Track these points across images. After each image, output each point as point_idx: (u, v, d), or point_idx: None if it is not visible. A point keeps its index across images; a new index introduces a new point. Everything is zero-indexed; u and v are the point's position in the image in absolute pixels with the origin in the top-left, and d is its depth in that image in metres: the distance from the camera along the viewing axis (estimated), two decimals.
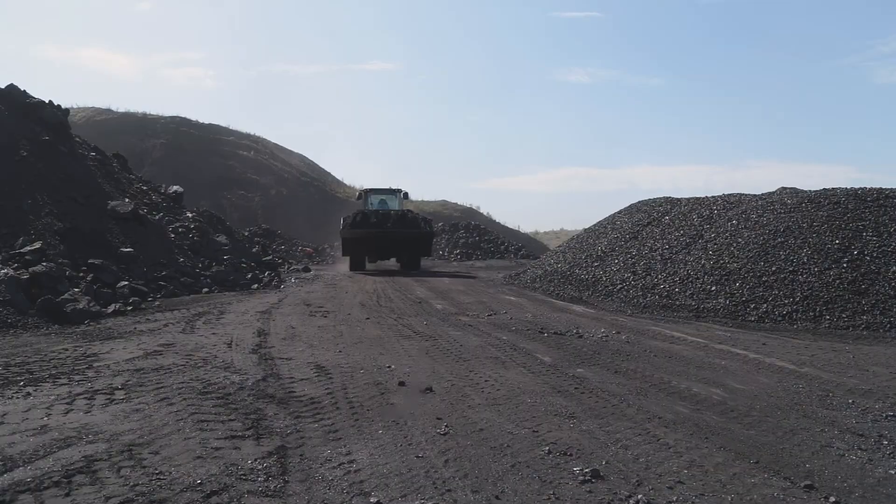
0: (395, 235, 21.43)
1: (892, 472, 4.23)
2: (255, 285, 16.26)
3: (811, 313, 10.82)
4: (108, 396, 5.41)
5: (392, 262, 25.56)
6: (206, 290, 14.05)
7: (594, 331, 9.67)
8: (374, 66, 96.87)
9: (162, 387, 5.77)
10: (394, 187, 25.54)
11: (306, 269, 22.85)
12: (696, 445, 4.61)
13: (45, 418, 4.81)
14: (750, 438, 4.85)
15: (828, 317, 10.60)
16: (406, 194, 25.35)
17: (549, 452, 4.35)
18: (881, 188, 13.77)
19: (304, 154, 52.50)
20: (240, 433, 4.59)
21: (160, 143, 42.39)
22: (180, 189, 21.55)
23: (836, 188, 14.45)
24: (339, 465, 4.07)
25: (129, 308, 10.60)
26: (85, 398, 5.33)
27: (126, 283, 11.58)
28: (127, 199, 15.96)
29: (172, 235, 16.53)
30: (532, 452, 4.37)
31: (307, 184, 44.89)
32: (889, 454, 4.57)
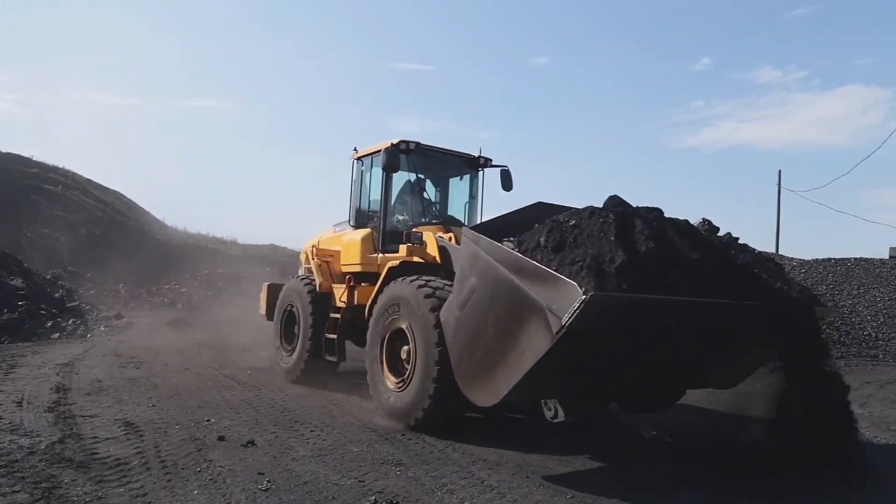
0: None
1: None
2: (57, 334, 14.66)
3: None
4: None
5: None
6: None
7: None
8: (203, 104, 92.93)
9: None
10: (468, 151, 9.28)
11: (119, 317, 20.92)
12: (517, 485, 4.80)
13: None
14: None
15: None
16: (506, 175, 9.27)
17: (376, 502, 4.31)
18: None
19: (122, 191, 48.69)
20: None
21: None
22: None
23: None
24: None
25: None
26: None
27: None
28: None
29: None
30: (358, 503, 4.29)
31: (123, 223, 41.56)
32: None
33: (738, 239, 5.89)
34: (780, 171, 34.30)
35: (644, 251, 4.86)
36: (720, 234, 5.89)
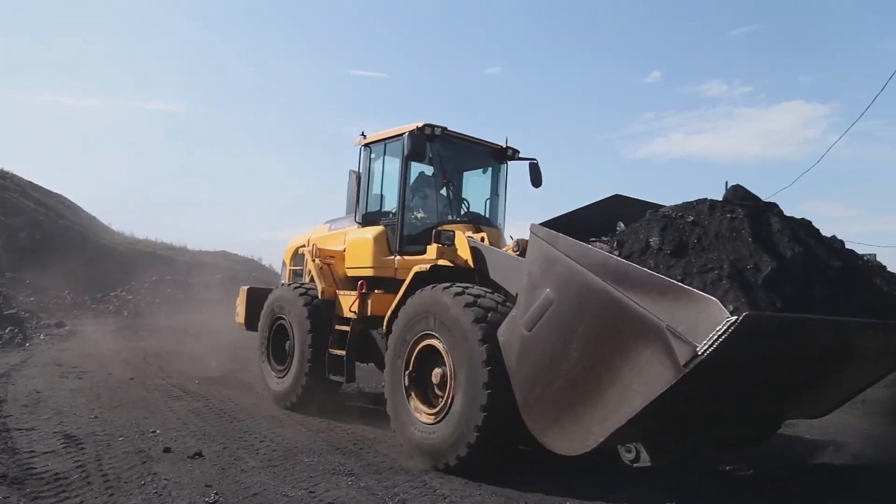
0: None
1: None
2: None
3: None
4: None
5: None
6: None
7: (376, 385, 9.73)
8: (153, 106, 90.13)
9: None
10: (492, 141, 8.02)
11: (60, 325, 20.15)
12: (469, 493, 4.81)
13: None
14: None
15: None
16: (535, 168, 8.13)
17: None
18: None
19: (65, 195, 46.99)
20: None
21: None
22: None
23: None
24: None
25: None
26: None
27: None
28: None
29: None
30: None
31: (66, 228, 40.16)
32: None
33: (843, 242, 4.78)
34: (726, 183, 35.07)
35: (790, 257, 3.92)
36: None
